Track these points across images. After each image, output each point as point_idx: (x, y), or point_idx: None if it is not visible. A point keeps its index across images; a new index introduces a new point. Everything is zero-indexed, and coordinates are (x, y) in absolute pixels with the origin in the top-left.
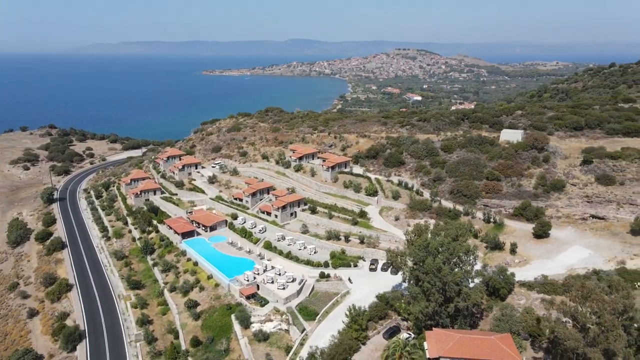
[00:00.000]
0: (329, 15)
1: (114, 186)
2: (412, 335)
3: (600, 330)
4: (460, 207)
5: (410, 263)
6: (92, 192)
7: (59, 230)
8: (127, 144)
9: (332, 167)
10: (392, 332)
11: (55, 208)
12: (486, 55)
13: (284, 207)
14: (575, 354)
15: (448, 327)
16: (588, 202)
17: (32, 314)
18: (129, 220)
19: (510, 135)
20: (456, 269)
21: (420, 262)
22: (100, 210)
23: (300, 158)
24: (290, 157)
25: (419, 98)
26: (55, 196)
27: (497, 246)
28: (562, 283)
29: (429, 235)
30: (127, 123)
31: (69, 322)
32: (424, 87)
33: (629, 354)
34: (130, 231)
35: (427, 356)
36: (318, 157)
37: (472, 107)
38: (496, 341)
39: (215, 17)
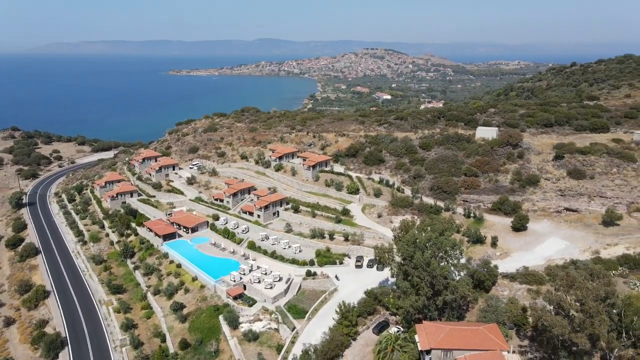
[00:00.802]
0: (297, 15)
1: (87, 189)
2: (402, 329)
3: (585, 317)
4: (441, 203)
5: (398, 259)
6: (64, 196)
7: (31, 236)
8: (96, 146)
9: (313, 166)
10: (382, 327)
11: (25, 213)
12: (451, 54)
13: (266, 207)
14: (560, 340)
15: (436, 319)
16: (561, 195)
17: (9, 322)
18: (106, 223)
19: (486, 133)
20: (443, 263)
21: (409, 257)
22: (74, 214)
23: (280, 157)
24: (270, 156)
25: (389, 97)
26: (24, 201)
27: (478, 240)
28: (547, 273)
29: (416, 231)
30: (91, 125)
31: (48, 330)
32: (393, 86)
33: (612, 338)
34: (107, 235)
35: (419, 348)
36: (298, 157)
37: (441, 105)
38: (484, 331)
39: (181, 16)
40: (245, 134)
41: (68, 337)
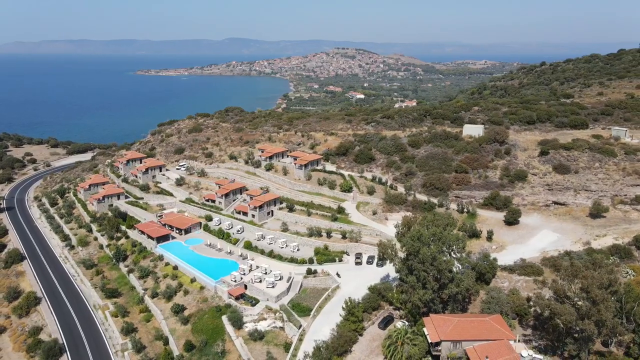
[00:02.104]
0: (267, 14)
1: (69, 192)
2: (407, 323)
3: (590, 304)
4: (434, 200)
5: (401, 254)
6: (44, 200)
7: (14, 242)
8: (71, 149)
9: (305, 165)
10: (387, 322)
11: (5, 218)
12: (420, 54)
13: (260, 207)
14: (565, 329)
15: (440, 312)
16: (549, 190)
17: (0, 330)
18: (94, 227)
19: (472, 130)
20: (446, 257)
21: (415, 252)
22: (58, 218)
23: (271, 157)
24: (260, 156)
25: (362, 96)
26: (2, 205)
27: (474, 234)
28: (552, 264)
29: (418, 227)
30: (60, 127)
31: (43, 337)
32: (365, 85)
33: (616, 324)
34: (96, 238)
35: (430, 341)
36: (288, 156)
37: (414, 104)
38: (491, 322)
39: (148, 15)
40: (231, 134)
41: (66, 344)
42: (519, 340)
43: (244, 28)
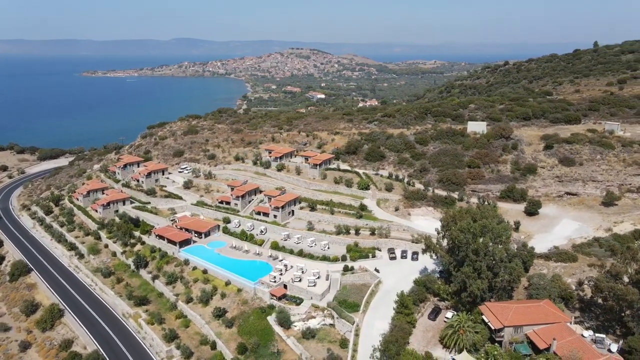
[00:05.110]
0: (214, 13)
1: (63, 199)
2: (456, 313)
3: None
4: (453, 194)
5: (445, 246)
6: (36, 208)
7: (13, 253)
8: (41, 155)
9: (319, 165)
10: (436, 313)
11: None
12: (371, 54)
13: (282, 207)
14: (619, 309)
15: (488, 300)
16: (559, 181)
17: (25, 346)
18: (102, 234)
19: (476, 127)
20: (500, 247)
21: (465, 243)
22: (58, 227)
23: (280, 157)
24: (269, 157)
25: (323, 96)
26: None
27: None
28: (611, 249)
29: (468, 219)
30: (10, 132)
31: (77, 349)
32: (322, 85)
33: None
34: (106, 245)
35: (493, 327)
36: (298, 156)
37: (376, 103)
38: (546, 306)
39: (88, 14)
40: (231, 135)
41: (106, 355)
42: (572, 322)
43: (192, 28)
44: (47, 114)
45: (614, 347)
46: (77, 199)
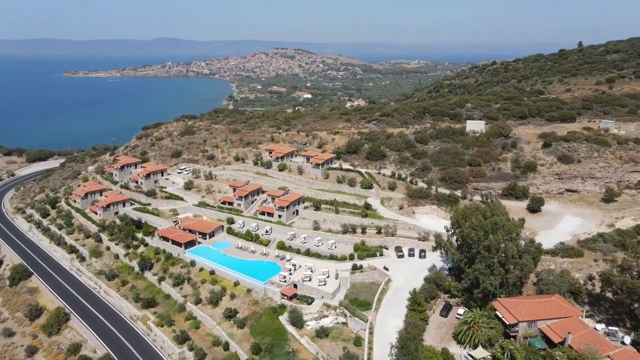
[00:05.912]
0: (196, 13)
1: (60, 202)
2: (467, 309)
3: None
4: (456, 192)
5: (455, 244)
6: (32, 211)
7: (11, 257)
8: (31, 156)
9: (322, 164)
10: (448, 310)
11: None
12: (355, 54)
13: (287, 207)
14: (630, 302)
15: (499, 297)
16: (559, 178)
17: (32, 351)
18: (104, 236)
19: (475, 126)
20: (511, 244)
21: (476, 240)
22: (56, 230)
23: (281, 157)
24: (270, 157)
25: (309, 96)
26: None
27: None
28: (622, 243)
29: (479, 216)
30: None
31: (87, 353)
32: (308, 85)
33: None
34: (108, 248)
35: (507, 322)
36: (299, 155)
37: (363, 103)
38: (557, 301)
39: (66, 13)
40: (229, 135)
41: (117, 359)
42: (584, 316)
43: (174, 28)
44: (29, 115)
45: (627, 340)
46: (75, 201)
